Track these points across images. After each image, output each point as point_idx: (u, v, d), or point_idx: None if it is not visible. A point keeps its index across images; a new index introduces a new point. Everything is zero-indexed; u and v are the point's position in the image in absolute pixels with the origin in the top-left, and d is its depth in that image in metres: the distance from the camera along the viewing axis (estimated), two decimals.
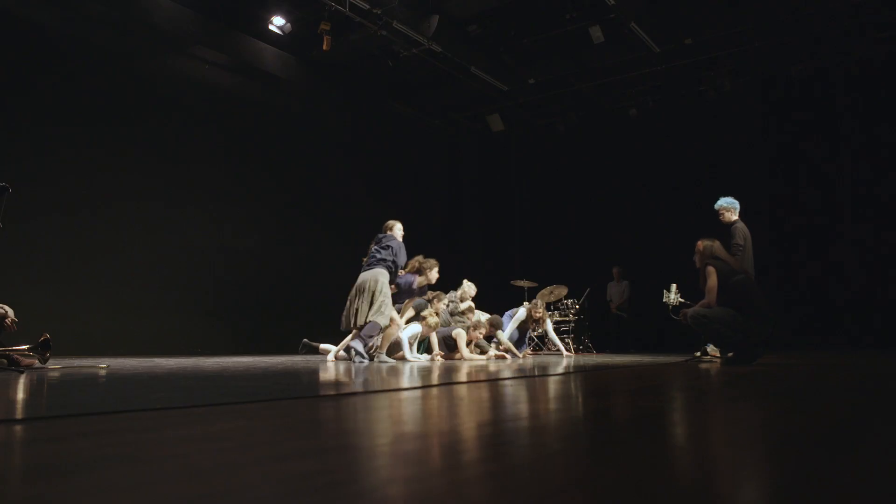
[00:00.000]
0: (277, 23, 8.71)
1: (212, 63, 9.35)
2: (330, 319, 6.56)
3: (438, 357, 6.70)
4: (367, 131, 11.43)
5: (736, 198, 6.69)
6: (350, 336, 6.15)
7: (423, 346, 7.06)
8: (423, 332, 6.75)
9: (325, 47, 8.51)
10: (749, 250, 6.37)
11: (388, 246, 6.10)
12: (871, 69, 9.42)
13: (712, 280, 5.16)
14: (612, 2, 8.19)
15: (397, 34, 8.91)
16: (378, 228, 6.52)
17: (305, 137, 10.46)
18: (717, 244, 5.46)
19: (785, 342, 6.32)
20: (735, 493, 0.92)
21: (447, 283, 11.84)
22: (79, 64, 7.84)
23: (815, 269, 9.41)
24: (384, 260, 6.04)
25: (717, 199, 6.67)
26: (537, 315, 8.23)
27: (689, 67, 10.13)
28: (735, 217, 6.57)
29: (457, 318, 7.70)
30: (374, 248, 6.21)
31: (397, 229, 6.35)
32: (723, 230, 6.54)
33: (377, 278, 5.91)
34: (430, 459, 1.19)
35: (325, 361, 6.05)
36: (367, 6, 8.33)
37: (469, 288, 8.07)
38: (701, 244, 5.51)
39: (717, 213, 6.65)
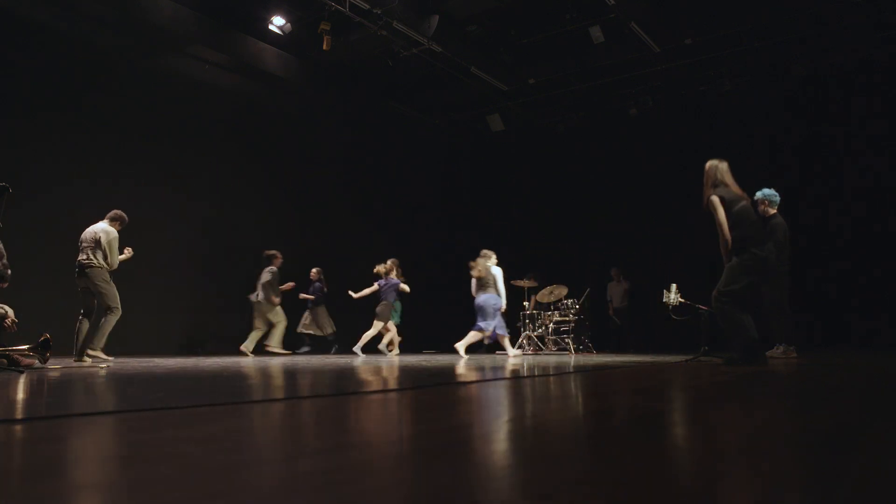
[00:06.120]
0: (277, 23, 8.71)
1: (212, 63, 9.35)
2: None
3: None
4: (366, 131, 11.43)
5: None
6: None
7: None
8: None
9: (325, 47, 8.51)
10: (788, 247, 6.30)
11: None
12: (872, 69, 9.41)
13: (720, 214, 4.88)
14: (612, 2, 8.19)
15: (397, 34, 8.90)
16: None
17: (305, 137, 10.45)
18: (723, 165, 5.15)
19: (795, 342, 6.28)
20: (736, 492, 0.92)
21: (447, 283, 11.83)
22: (79, 64, 7.84)
23: (818, 268, 9.39)
24: None
25: (760, 189, 6.53)
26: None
27: (689, 67, 10.12)
28: (773, 210, 6.44)
29: None
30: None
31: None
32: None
33: None
34: (434, 458, 1.19)
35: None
36: (367, 6, 8.32)
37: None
38: (708, 164, 5.19)
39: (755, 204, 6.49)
